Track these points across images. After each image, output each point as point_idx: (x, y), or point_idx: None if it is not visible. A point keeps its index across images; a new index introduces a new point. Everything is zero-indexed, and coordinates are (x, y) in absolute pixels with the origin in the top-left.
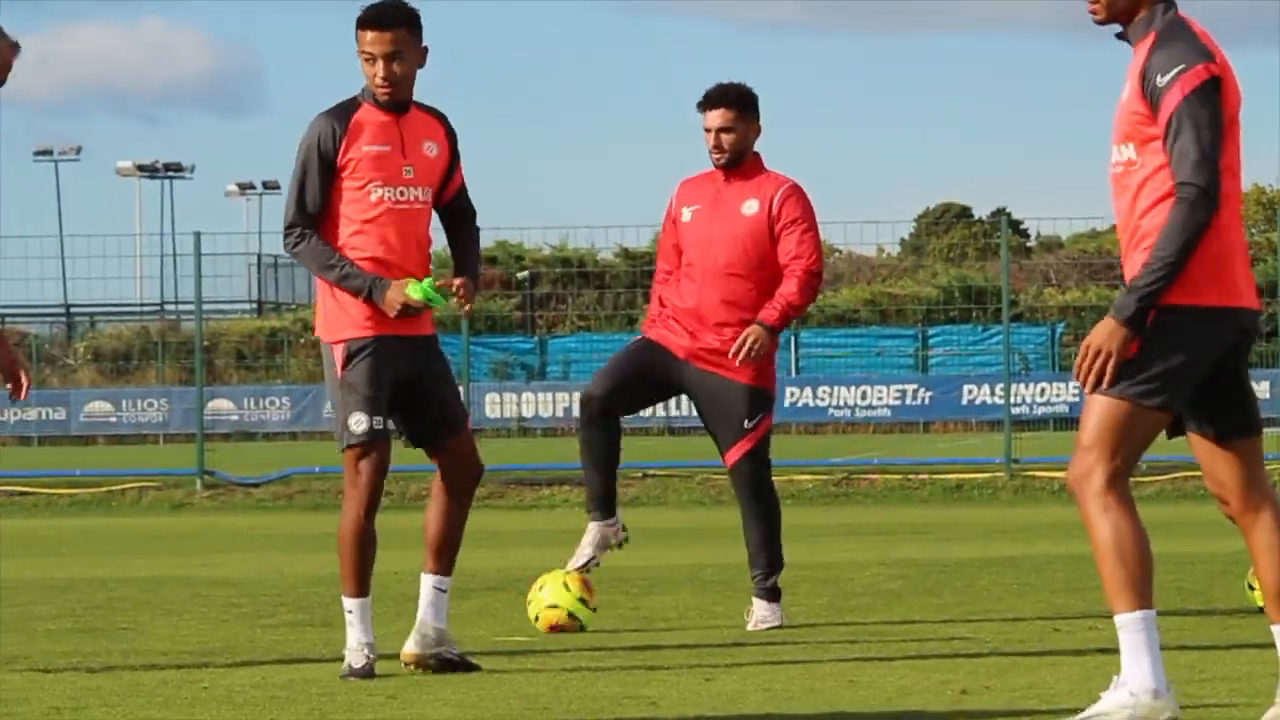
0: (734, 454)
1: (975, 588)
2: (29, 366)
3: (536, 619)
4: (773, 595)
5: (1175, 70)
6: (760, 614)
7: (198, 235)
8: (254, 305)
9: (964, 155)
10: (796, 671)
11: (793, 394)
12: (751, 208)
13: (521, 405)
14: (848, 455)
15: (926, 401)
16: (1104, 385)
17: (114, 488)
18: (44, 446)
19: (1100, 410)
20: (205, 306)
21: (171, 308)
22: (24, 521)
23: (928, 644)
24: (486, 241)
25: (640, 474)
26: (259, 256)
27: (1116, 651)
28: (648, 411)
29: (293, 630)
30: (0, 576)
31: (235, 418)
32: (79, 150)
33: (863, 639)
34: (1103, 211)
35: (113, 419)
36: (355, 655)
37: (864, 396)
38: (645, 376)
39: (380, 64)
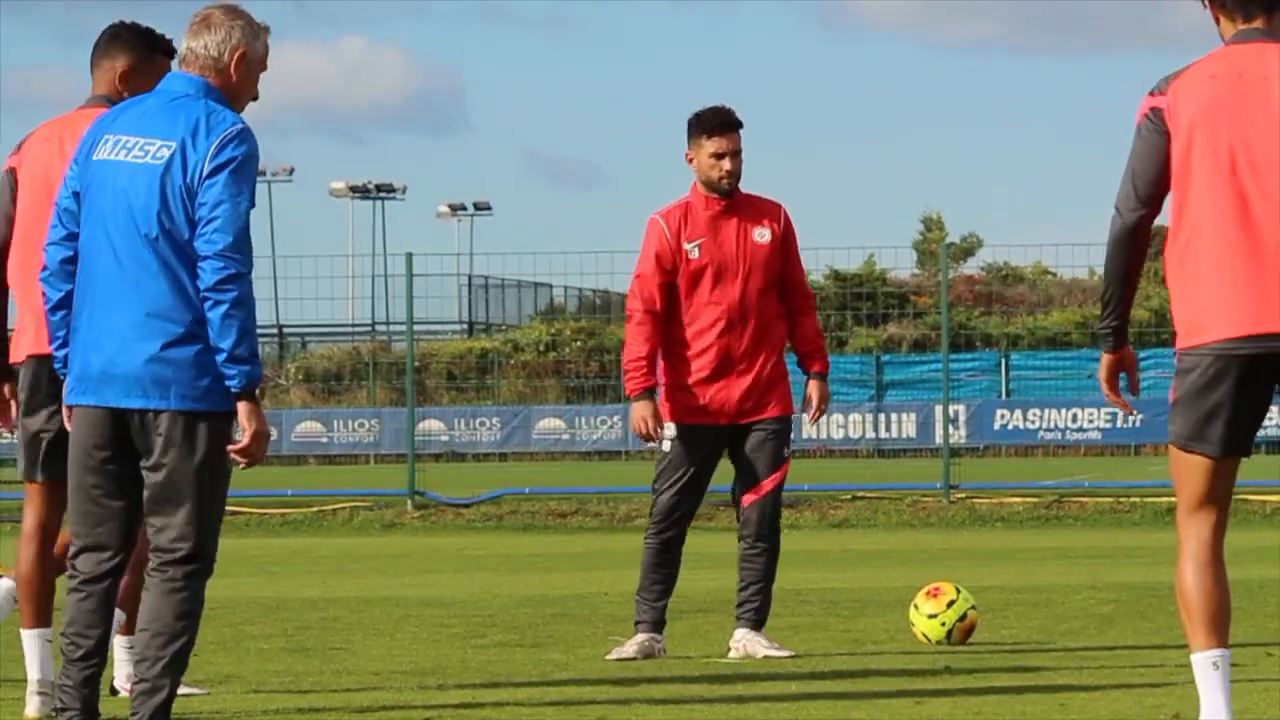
0: (768, 484)
1: None
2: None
3: None
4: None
5: None
6: (762, 642)
7: (409, 256)
8: (464, 326)
9: None
10: (1007, 694)
11: (1003, 416)
12: (764, 235)
13: None
14: (1058, 478)
15: (1138, 424)
16: None
17: (325, 508)
18: (256, 466)
19: None
20: (416, 327)
21: (383, 328)
22: (236, 541)
23: (1140, 668)
24: None
25: (850, 496)
26: (470, 277)
27: None
28: (856, 433)
29: (503, 651)
30: (213, 596)
31: (445, 438)
32: (291, 171)
33: (1074, 663)
34: None
35: (324, 439)
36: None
37: (1075, 419)
38: (708, 477)
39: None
